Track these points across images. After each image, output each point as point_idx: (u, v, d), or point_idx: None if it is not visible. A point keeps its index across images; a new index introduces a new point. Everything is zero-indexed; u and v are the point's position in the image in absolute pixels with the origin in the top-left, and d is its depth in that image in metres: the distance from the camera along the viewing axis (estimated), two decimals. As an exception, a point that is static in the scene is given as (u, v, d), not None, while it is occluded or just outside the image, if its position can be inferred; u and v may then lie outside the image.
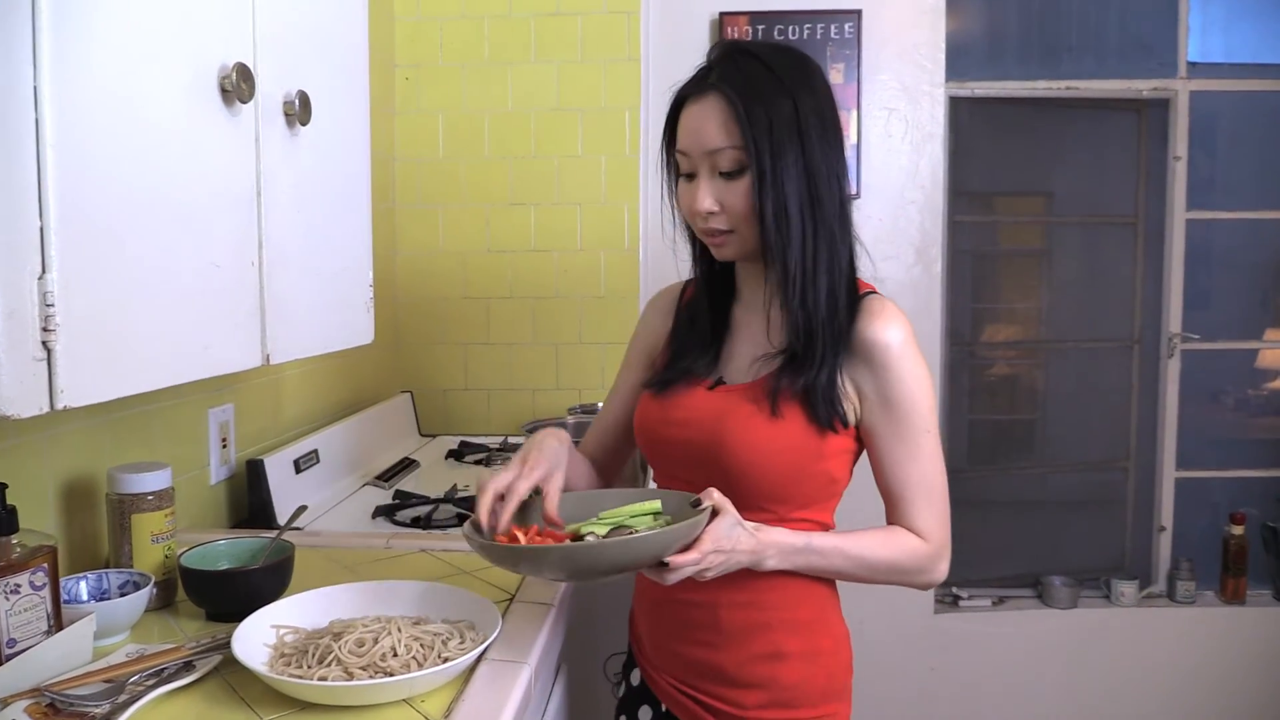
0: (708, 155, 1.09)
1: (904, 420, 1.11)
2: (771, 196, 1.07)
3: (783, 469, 1.10)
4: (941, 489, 1.14)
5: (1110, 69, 2.83)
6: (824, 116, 1.10)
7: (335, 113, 1.30)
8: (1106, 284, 3.01)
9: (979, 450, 3.05)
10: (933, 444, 1.13)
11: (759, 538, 1.04)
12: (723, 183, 1.10)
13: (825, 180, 1.09)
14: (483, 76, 2.59)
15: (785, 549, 1.07)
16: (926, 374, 1.13)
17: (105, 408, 1.35)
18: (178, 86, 0.94)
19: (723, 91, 1.08)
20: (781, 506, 1.13)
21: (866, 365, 1.11)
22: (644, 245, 2.59)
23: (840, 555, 1.10)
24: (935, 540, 1.13)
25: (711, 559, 0.99)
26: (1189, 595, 2.87)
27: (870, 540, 1.12)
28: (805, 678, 1.15)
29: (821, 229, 1.10)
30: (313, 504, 1.79)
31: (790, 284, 1.09)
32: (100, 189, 0.82)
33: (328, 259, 1.30)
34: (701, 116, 1.09)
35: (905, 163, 2.70)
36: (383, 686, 0.94)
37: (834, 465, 1.13)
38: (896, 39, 2.65)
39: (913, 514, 1.13)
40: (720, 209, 1.10)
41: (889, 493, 1.14)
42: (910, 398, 1.11)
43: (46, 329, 0.75)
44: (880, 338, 1.10)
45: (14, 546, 1.00)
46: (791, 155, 1.07)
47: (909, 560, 1.12)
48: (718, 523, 1.00)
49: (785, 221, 1.07)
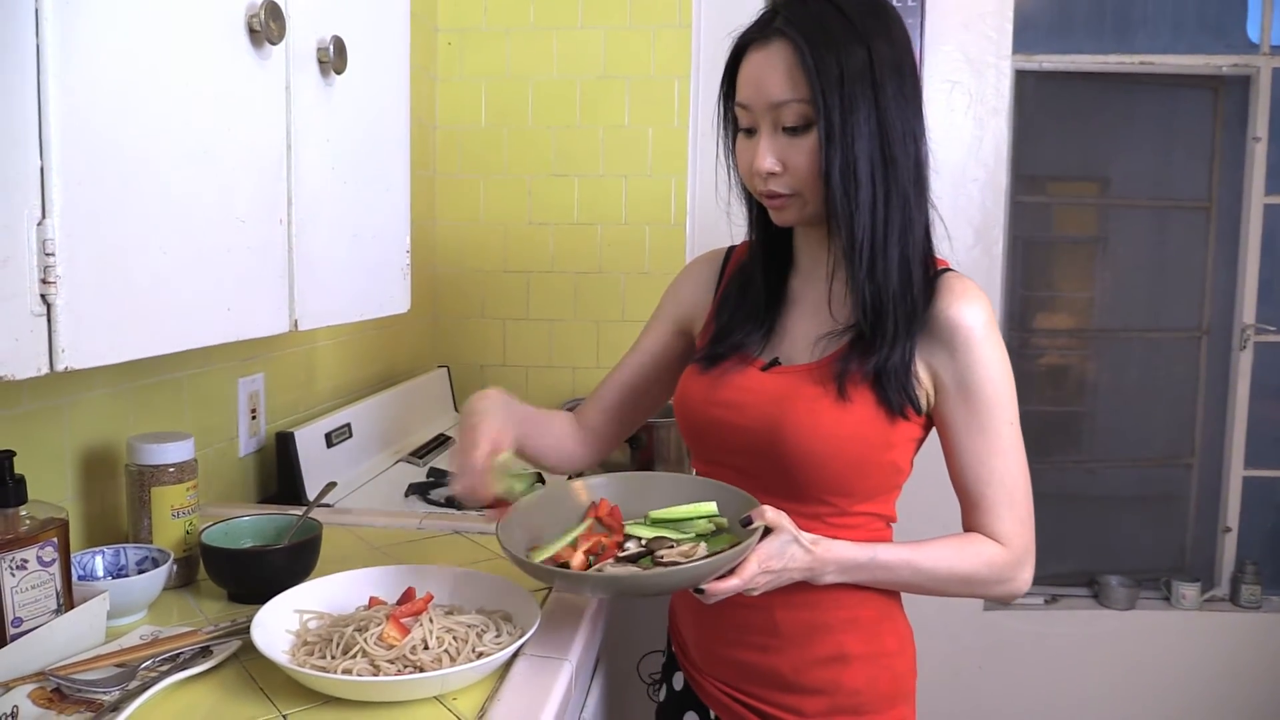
0: (771, 109, 0.99)
1: (985, 411, 1.01)
2: (840, 156, 0.96)
3: (849, 459, 1.01)
4: (1025, 488, 1.03)
5: (1186, 45, 2.68)
6: (902, 67, 0.99)
7: (373, 64, 1.21)
8: (1170, 271, 2.86)
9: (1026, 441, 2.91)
10: (1015, 438, 1.03)
11: (816, 553, 0.95)
12: (786, 139, 0.99)
13: (900, 139, 0.98)
14: (527, 42, 2.50)
15: (846, 564, 0.98)
16: (1007, 361, 1.02)
17: (128, 374, 1.29)
18: (201, 21, 0.86)
19: (789, 37, 0.97)
20: (844, 499, 1.03)
21: (945, 348, 1.01)
22: (691, 220, 2.49)
23: (909, 569, 1.01)
24: (1017, 546, 1.02)
25: (758, 580, 0.92)
26: (1254, 599, 2.73)
27: (943, 551, 1.02)
28: (870, 681, 1.06)
29: (895, 193, 0.99)
30: (344, 480, 1.72)
31: (858, 254, 0.99)
32: (110, 127, 0.74)
33: (362, 221, 1.22)
34: (765, 65, 0.99)
35: (968, 138, 2.57)
36: (412, 683, 0.87)
37: (899, 455, 1.04)
38: (962, 8, 2.52)
39: (992, 517, 1.02)
40: (783, 169, 1.00)
41: (966, 492, 1.04)
42: (993, 386, 1.01)
43: (46, 280, 0.68)
44: (962, 319, 1.00)
45: (22, 519, 0.93)
46: (864, 110, 0.96)
47: (988, 571, 1.02)
48: (767, 543, 0.92)
49: (854, 184, 0.97)
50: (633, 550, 0.97)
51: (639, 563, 0.95)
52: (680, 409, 1.13)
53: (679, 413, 1.14)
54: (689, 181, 2.48)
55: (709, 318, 1.17)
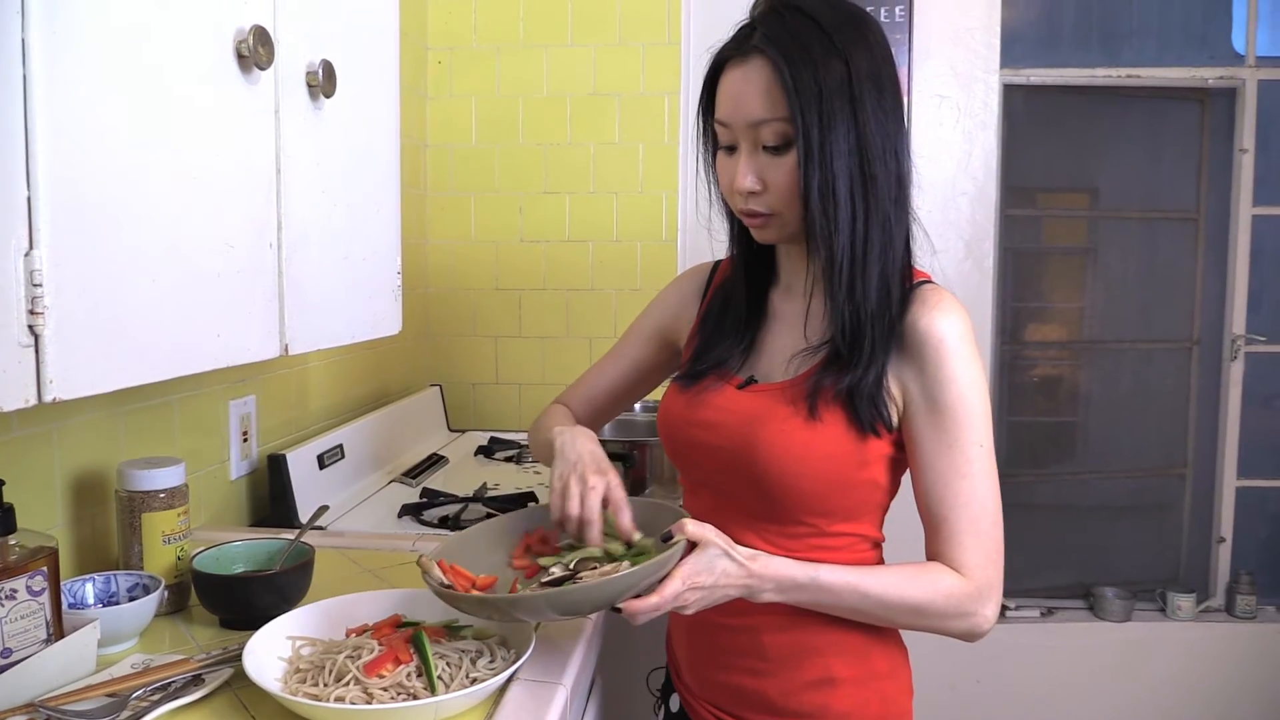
0: (750, 128, 0.97)
1: (953, 429, 0.97)
2: (819, 175, 0.94)
3: (823, 479, 0.99)
4: (993, 517, 0.98)
5: (1173, 57, 2.70)
6: (881, 79, 0.97)
7: (362, 87, 1.21)
8: (1160, 282, 2.86)
9: (1019, 453, 2.91)
10: (986, 462, 0.98)
11: (751, 568, 0.93)
12: (766, 158, 0.98)
13: (880, 156, 0.96)
14: (517, 60, 2.50)
15: (784, 583, 0.95)
16: (982, 378, 0.99)
17: (118, 398, 1.28)
18: (189, 49, 0.85)
19: (767, 55, 0.95)
20: (823, 520, 1.01)
21: (915, 361, 0.98)
22: (682, 236, 2.50)
23: (854, 594, 0.96)
24: (979, 579, 0.96)
25: (686, 597, 0.90)
26: (1249, 610, 2.73)
27: (894, 578, 0.97)
28: (859, 705, 1.05)
29: (874, 212, 0.97)
30: (336, 501, 1.71)
31: (836, 274, 0.97)
32: (98, 156, 0.74)
33: (353, 243, 1.21)
34: (744, 83, 0.97)
35: (957, 152, 2.58)
36: (406, 710, 0.86)
37: (876, 472, 1.01)
38: (949, 23, 2.54)
39: (953, 544, 0.97)
40: (763, 188, 0.99)
41: (929, 514, 1.00)
42: (963, 403, 0.97)
43: (34, 311, 0.67)
44: (932, 330, 0.98)
45: (11, 548, 0.92)
46: (843, 127, 0.94)
47: (944, 603, 0.96)
48: (693, 558, 0.91)
49: (833, 204, 0.95)
50: (556, 574, 0.97)
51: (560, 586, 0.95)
52: (662, 428, 1.12)
53: (662, 432, 1.13)
54: (680, 198, 2.49)
55: (693, 332, 1.17)
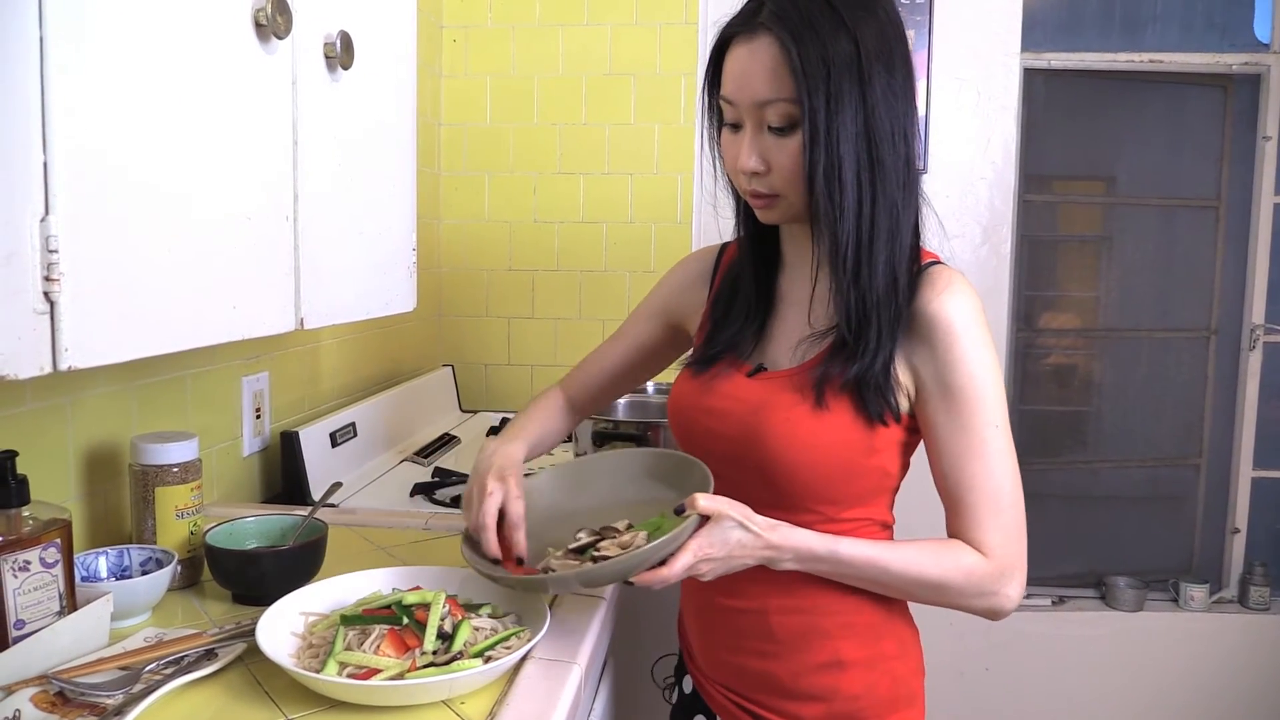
0: (756, 107, 0.95)
1: (966, 411, 0.95)
2: (824, 158, 0.92)
3: (830, 467, 0.97)
4: (1012, 495, 0.97)
5: (1194, 44, 2.66)
6: (891, 58, 0.94)
7: (380, 59, 1.20)
8: (1178, 271, 2.83)
9: (1032, 441, 2.89)
10: (1002, 441, 0.97)
11: (769, 539, 0.92)
12: (771, 139, 0.95)
13: (889, 139, 0.94)
14: (533, 39, 2.48)
15: (804, 554, 0.95)
16: (995, 359, 0.97)
17: (132, 372, 1.27)
18: (207, 15, 0.84)
19: (774, 33, 0.92)
20: (831, 507, 1.00)
21: (926, 344, 0.96)
22: (697, 218, 2.48)
23: (874, 568, 0.96)
24: (1000, 557, 0.96)
25: (700, 568, 0.91)
26: (1263, 601, 2.71)
27: (916, 554, 0.96)
28: (868, 687, 1.04)
29: (881, 197, 0.94)
30: (349, 479, 1.71)
31: (842, 259, 0.95)
32: (114, 123, 0.73)
33: (369, 218, 1.20)
34: (749, 61, 0.94)
35: (976, 136, 2.55)
36: (420, 687, 0.85)
37: (885, 459, 1.00)
38: (970, 5, 2.50)
39: (973, 524, 0.96)
40: (767, 169, 0.96)
41: (948, 497, 0.99)
42: (975, 384, 0.95)
43: (49, 278, 0.66)
44: (942, 313, 0.95)
45: (24, 520, 0.92)
46: (850, 109, 0.91)
47: (964, 581, 0.96)
48: (705, 532, 0.90)
49: (839, 188, 0.93)
50: (583, 540, 0.99)
51: (584, 555, 0.97)
52: (672, 415, 1.11)
53: (672, 418, 1.12)
54: (695, 179, 2.47)
55: (704, 316, 1.15)
